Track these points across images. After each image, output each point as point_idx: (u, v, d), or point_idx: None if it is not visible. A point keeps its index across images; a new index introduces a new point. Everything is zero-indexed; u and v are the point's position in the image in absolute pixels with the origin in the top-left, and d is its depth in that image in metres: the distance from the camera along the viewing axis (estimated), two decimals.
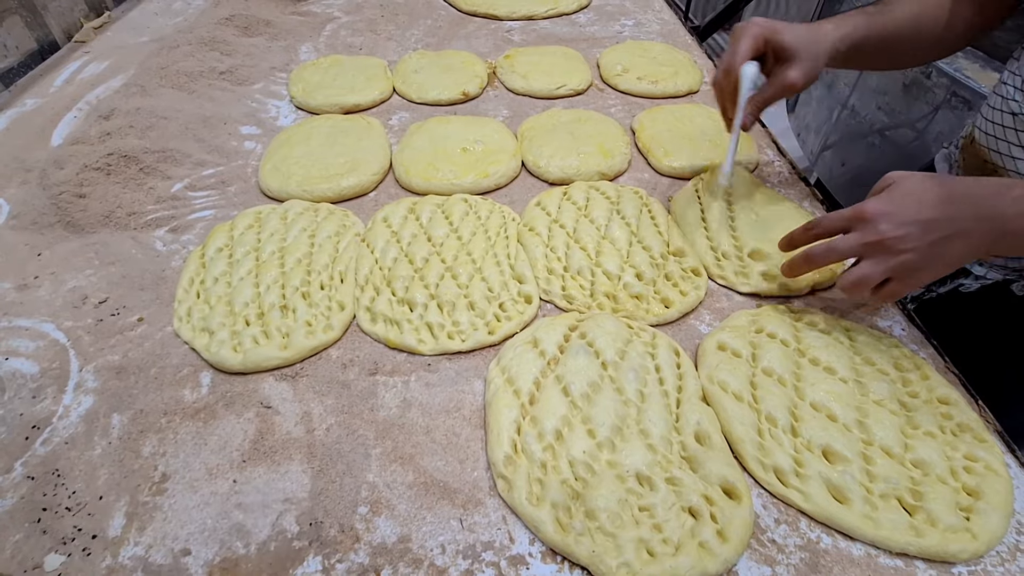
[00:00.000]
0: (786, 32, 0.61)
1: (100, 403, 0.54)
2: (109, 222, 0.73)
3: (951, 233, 0.49)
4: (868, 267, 0.51)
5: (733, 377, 0.54)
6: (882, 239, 0.50)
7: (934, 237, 0.49)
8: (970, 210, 0.49)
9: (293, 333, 0.58)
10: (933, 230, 0.49)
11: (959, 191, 0.50)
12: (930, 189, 0.50)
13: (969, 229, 0.49)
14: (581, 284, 0.65)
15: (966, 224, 0.49)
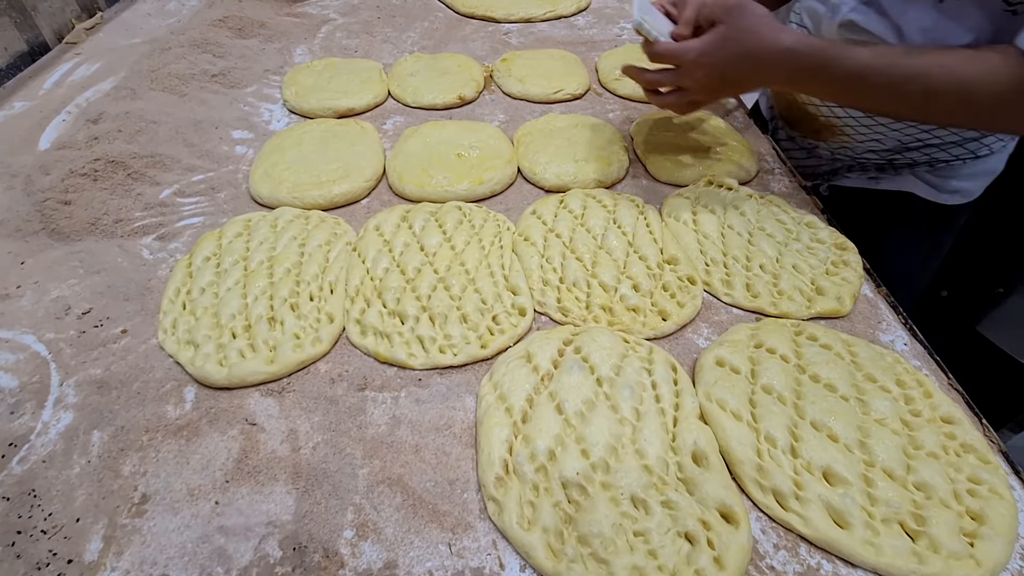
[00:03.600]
0: None
1: (80, 419, 0.52)
2: (95, 230, 0.72)
3: (734, 81, 0.67)
4: (673, 98, 0.71)
5: (732, 395, 0.52)
6: (693, 81, 0.68)
7: (723, 85, 0.67)
8: (747, 69, 0.65)
9: (280, 346, 0.57)
10: (724, 79, 0.66)
11: (746, 56, 0.64)
12: (734, 48, 0.64)
13: (746, 80, 0.67)
14: (577, 296, 0.63)
15: (743, 77, 0.66)
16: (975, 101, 0.59)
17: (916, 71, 0.60)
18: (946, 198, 0.83)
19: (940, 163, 0.80)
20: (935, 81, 0.59)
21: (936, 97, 0.60)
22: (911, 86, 0.60)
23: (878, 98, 0.64)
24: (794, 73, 0.64)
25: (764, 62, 0.64)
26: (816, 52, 0.62)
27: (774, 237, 0.70)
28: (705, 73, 0.66)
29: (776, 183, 0.82)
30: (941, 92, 0.59)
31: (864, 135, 0.82)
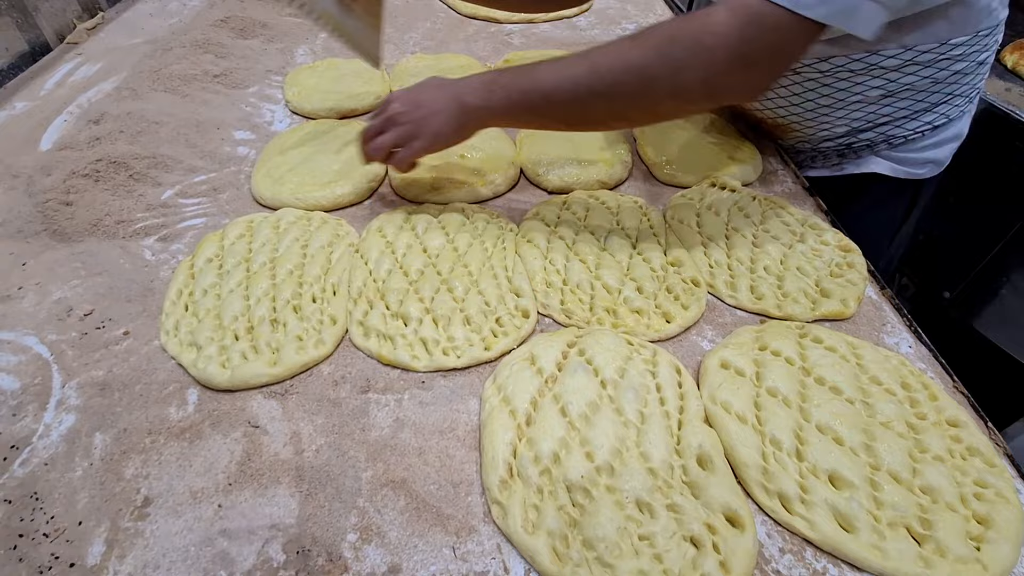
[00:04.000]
0: None
1: (82, 421, 0.52)
2: (97, 230, 0.71)
3: (434, 110, 0.64)
4: (382, 136, 0.67)
5: (736, 397, 0.52)
6: (391, 115, 0.66)
7: (421, 113, 0.65)
8: (448, 92, 0.65)
9: (283, 348, 0.57)
10: (422, 107, 0.65)
11: (445, 82, 0.66)
12: (431, 82, 0.67)
13: (443, 108, 0.64)
14: (580, 298, 0.63)
15: (443, 104, 0.64)
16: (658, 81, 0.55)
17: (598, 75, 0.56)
18: (916, 172, 0.82)
19: (898, 139, 0.79)
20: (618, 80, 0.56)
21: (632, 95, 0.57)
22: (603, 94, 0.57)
23: (585, 111, 0.60)
24: (493, 98, 0.62)
25: (451, 84, 0.65)
26: (503, 73, 0.62)
27: (778, 239, 0.70)
28: (401, 103, 0.66)
29: (779, 184, 0.82)
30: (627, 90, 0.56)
31: (812, 126, 0.81)
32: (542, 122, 0.64)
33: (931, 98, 0.74)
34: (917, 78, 0.71)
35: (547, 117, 0.63)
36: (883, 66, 0.70)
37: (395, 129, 0.66)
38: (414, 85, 0.68)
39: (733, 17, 0.52)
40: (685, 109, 0.68)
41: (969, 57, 0.70)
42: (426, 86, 0.67)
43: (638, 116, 0.65)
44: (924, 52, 0.68)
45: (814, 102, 0.77)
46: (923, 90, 0.73)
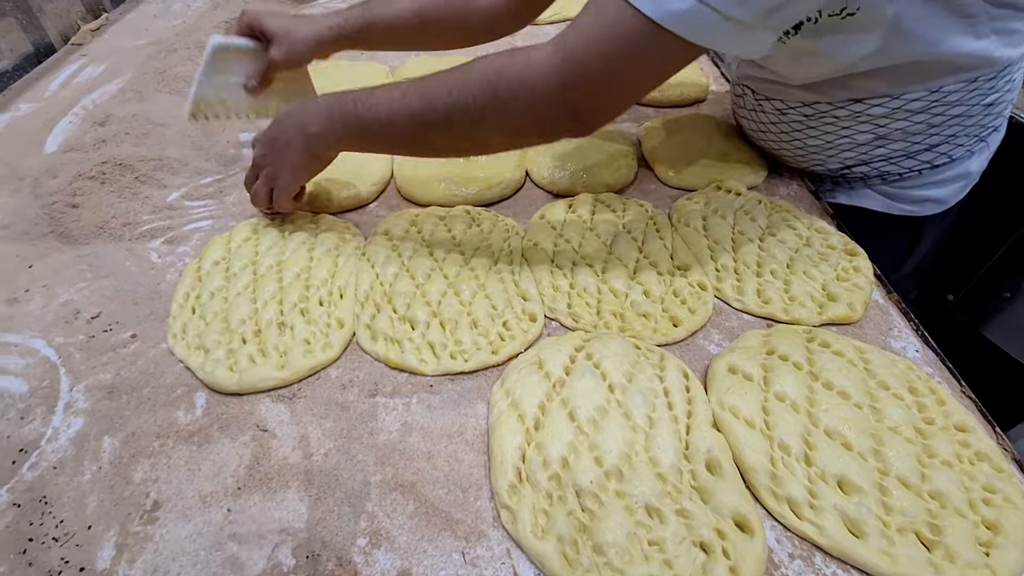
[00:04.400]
0: (269, 19, 0.71)
1: (90, 425, 0.52)
2: (103, 233, 0.71)
3: (284, 144, 0.64)
4: (255, 185, 0.67)
5: (744, 402, 0.52)
6: (254, 161, 0.67)
7: (277, 148, 0.65)
8: (293, 124, 0.64)
9: (291, 352, 0.57)
10: (275, 144, 0.65)
11: (290, 113, 0.64)
12: (280, 117, 0.66)
13: (291, 138, 0.64)
14: (587, 302, 0.63)
15: (291, 135, 0.64)
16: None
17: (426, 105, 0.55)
18: (913, 209, 0.76)
19: (892, 176, 0.74)
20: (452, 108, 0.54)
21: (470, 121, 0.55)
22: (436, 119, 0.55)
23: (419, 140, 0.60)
24: (335, 126, 0.62)
25: (297, 114, 0.64)
26: (343, 98, 0.61)
27: (785, 243, 0.70)
28: (259, 144, 0.66)
29: (784, 187, 0.82)
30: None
31: (803, 161, 0.78)
32: (386, 149, 0.65)
33: (928, 140, 0.69)
34: (909, 123, 0.67)
35: (389, 145, 0.64)
36: (869, 113, 0.67)
37: (261, 173, 0.67)
38: (272, 122, 0.67)
39: (555, 57, 0.50)
40: (520, 143, 0.64)
41: (969, 101, 0.65)
42: (279, 120, 0.66)
43: (474, 149, 0.64)
44: (913, 100, 0.64)
45: (802, 142, 0.75)
46: (918, 133, 0.68)
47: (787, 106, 0.73)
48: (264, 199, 0.68)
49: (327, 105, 0.62)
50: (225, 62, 0.73)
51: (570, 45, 0.49)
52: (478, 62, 0.54)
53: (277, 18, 0.72)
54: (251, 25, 0.72)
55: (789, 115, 0.74)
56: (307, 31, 0.73)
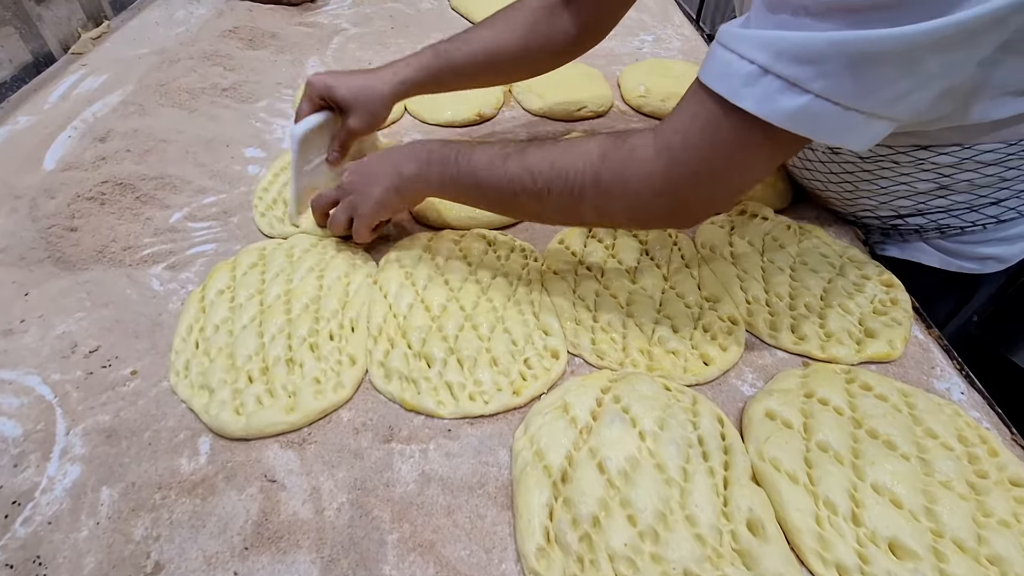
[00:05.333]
0: (339, 87, 0.70)
1: (88, 474, 0.49)
2: (102, 258, 0.68)
3: (376, 177, 0.64)
4: (337, 208, 0.68)
5: (786, 453, 0.49)
6: (342, 185, 0.67)
7: (367, 182, 0.65)
8: (390, 162, 0.64)
9: (300, 392, 0.53)
10: (367, 177, 0.65)
11: (390, 151, 0.65)
12: (382, 152, 0.67)
13: (384, 174, 0.64)
14: (612, 337, 0.60)
15: (384, 171, 0.64)
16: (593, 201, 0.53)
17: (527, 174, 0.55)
18: (972, 267, 0.69)
19: (953, 230, 0.66)
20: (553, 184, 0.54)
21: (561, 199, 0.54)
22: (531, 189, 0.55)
23: (504, 201, 0.60)
24: (430, 173, 0.61)
25: (394, 152, 0.64)
26: (444, 147, 0.61)
27: (817, 272, 0.66)
28: (351, 172, 0.66)
29: (811, 209, 0.79)
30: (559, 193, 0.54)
31: (852, 207, 0.73)
32: (473, 203, 0.64)
33: (997, 194, 0.62)
34: (978, 175, 0.60)
35: (479, 201, 0.63)
36: (935, 161, 0.60)
37: (345, 200, 0.67)
38: (369, 156, 0.68)
39: (657, 156, 0.48)
40: (614, 226, 0.70)
41: None
42: (376, 156, 0.67)
43: (566, 221, 0.68)
44: (987, 151, 0.58)
45: (853, 184, 0.68)
46: (986, 186, 0.61)
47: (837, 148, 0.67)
48: (342, 226, 0.68)
49: (426, 150, 0.62)
50: (308, 148, 0.72)
51: (672, 146, 0.48)
52: (584, 140, 0.53)
53: (343, 82, 0.70)
54: (322, 97, 0.71)
55: (842, 154, 0.67)
56: (380, 91, 0.71)
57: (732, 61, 0.42)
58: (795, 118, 0.41)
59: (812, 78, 0.39)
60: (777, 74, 0.40)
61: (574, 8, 0.73)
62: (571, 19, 0.73)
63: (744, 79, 0.42)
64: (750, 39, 0.42)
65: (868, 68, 0.38)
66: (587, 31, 0.75)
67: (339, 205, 0.67)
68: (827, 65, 0.39)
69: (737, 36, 0.43)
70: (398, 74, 0.72)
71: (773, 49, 0.40)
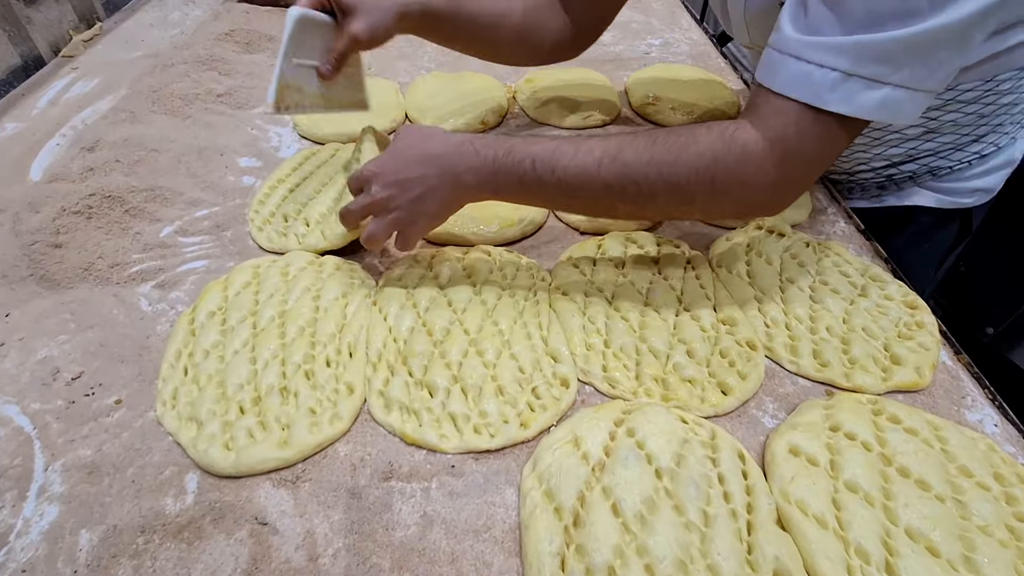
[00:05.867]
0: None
1: (67, 515, 0.45)
2: (88, 275, 0.65)
3: (424, 190, 0.57)
4: (374, 225, 0.59)
5: (813, 494, 0.46)
6: (375, 200, 0.58)
7: (412, 195, 0.57)
8: (435, 169, 0.57)
9: (294, 425, 0.50)
10: (410, 189, 0.57)
11: (431, 151, 0.58)
12: (413, 147, 0.58)
13: (436, 185, 0.57)
14: (625, 364, 0.57)
15: (433, 181, 0.57)
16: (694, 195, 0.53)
17: (623, 175, 0.54)
18: (964, 201, 0.77)
19: (943, 170, 0.74)
20: (653, 182, 0.53)
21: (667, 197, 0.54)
22: (621, 191, 0.54)
23: (590, 203, 0.58)
24: (498, 182, 0.57)
25: (438, 157, 0.57)
26: (510, 151, 0.56)
27: (839, 293, 0.63)
28: (384, 183, 0.58)
29: (830, 225, 0.76)
30: (666, 193, 0.54)
31: (847, 162, 0.78)
32: (553, 207, 0.63)
33: (978, 131, 0.70)
34: (961, 115, 0.68)
35: (561, 207, 0.62)
36: None
37: (386, 218, 0.58)
38: (394, 154, 0.59)
39: (771, 151, 0.51)
40: (713, 219, 0.74)
41: (1019, 90, 0.66)
42: (406, 159, 0.58)
43: (658, 218, 0.68)
44: (968, 91, 0.65)
45: None
46: (968, 125, 0.69)
47: None
48: (382, 244, 0.61)
49: (491, 157, 0.56)
50: (303, 40, 0.63)
51: (786, 141, 0.51)
52: (688, 142, 0.53)
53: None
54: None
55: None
56: (391, 6, 0.65)
57: (811, 72, 0.48)
58: (879, 108, 0.48)
59: (890, 72, 0.46)
60: (860, 75, 0.47)
61: (569, 7, 0.77)
62: (565, 13, 0.78)
63: (830, 86, 0.47)
64: (827, 48, 0.47)
65: (932, 54, 0.46)
66: (578, 35, 0.80)
67: (378, 222, 0.59)
68: (900, 59, 0.46)
69: (809, 46, 0.48)
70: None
71: (853, 55, 0.46)
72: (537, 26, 0.78)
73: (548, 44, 0.80)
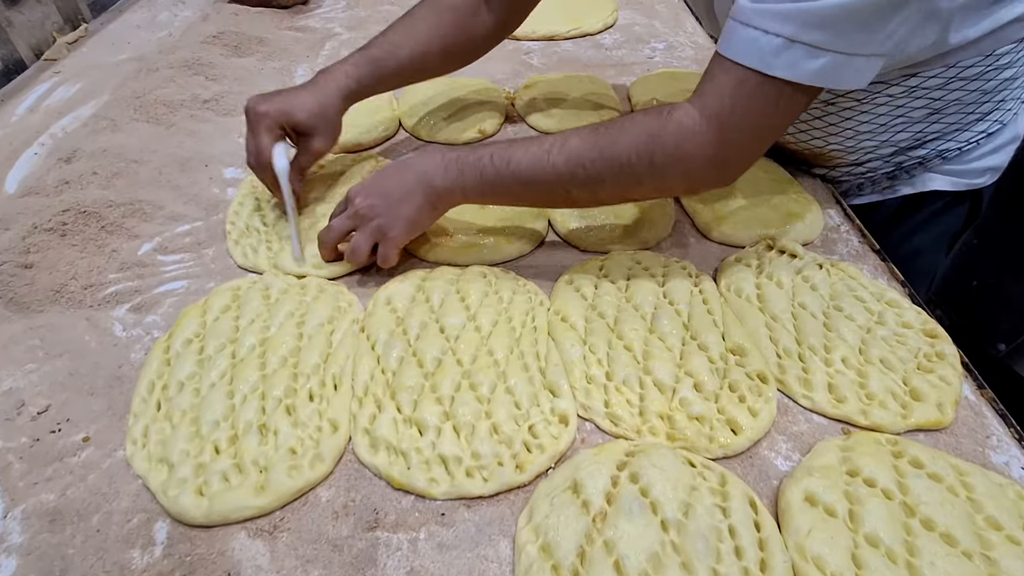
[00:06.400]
0: (296, 111, 0.65)
1: (26, 568, 0.42)
2: (60, 298, 0.62)
3: (402, 195, 0.60)
4: (356, 237, 0.62)
5: (831, 550, 0.42)
6: (357, 211, 0.61)
7: (391, 202, 0.60)
8: (411, 174, 0.60)
9: (272, 468, 0.47)
10: (390, 196, 0.60)
11: (407, 161, 0.62)
12: (390, 167, 0.63)
13: (412, 189, 0.60)
14: (628, 399, 0.53)
15: (410, 185, 0.60)
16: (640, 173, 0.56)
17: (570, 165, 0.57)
18: (976, 181, 0.76)
19: (952, 152, 0.73)
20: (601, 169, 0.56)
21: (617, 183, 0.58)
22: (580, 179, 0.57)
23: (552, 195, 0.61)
24: (464, 179, 0.60)
25: (412, 163, 0.61)
26: (470, 152, 0.60)
27: (854, 320, 0.60)
28: (365, 195, 0.61)
29: (843, 244, 0.72)
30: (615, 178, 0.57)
31: (855, 152, 0.76)
32: (515, 201, 0.64)
33: (982, 108, 0.69)
34: (964, 92, 0.67)
35: (523, 200, 0.63)
36: (925, 87, 0.66)
37: (367, 226, 0.61)
38: (373, 176, 0.63)
39: (707, 125, 0.53)
40: (665, 196, 0.73)
41: (1018, 63, 0.66)
42: (386, 174, 0.62)
43: (617, 201, 0.67)
44: (969, 67, 0.64)
45: (853, 129, 0.72)
46: (972, 103, 0.68)
47: (836, 95, 0.70)
48: (365, 255, 0.62)
49: (454, 157, 0.60)
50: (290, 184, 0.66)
51: (720, 115, 0.53)
52: (625, 124, 0.56)
53: (295, 103, 0.66)
54: (281, 125, 0.66)
55: (839, 103, 0.71)
56: (335, 107, 0.68)
57: (758, 37, 0.49)
58: (820, 74, 0.50)
59: (831, 39, 0.48)
60: (803, 42, 0.48)
61: (492, 3, 0.76)
62: (489, 14, 0.77)
63: (774, 51, 0.49)
64: (773, 15, 0.48)
65: (872, 19, 0.47)
66: (508, 20, 0.79)
67: (358, 233, 0.62)
68: (841, 26, 0.47)
69: (757, 12, 0.49)
70: (341, 88, 0.69)
71: (797, 22, 0.47)
72: (462, 43, 0.77)
73: (472, 51, 0.81)
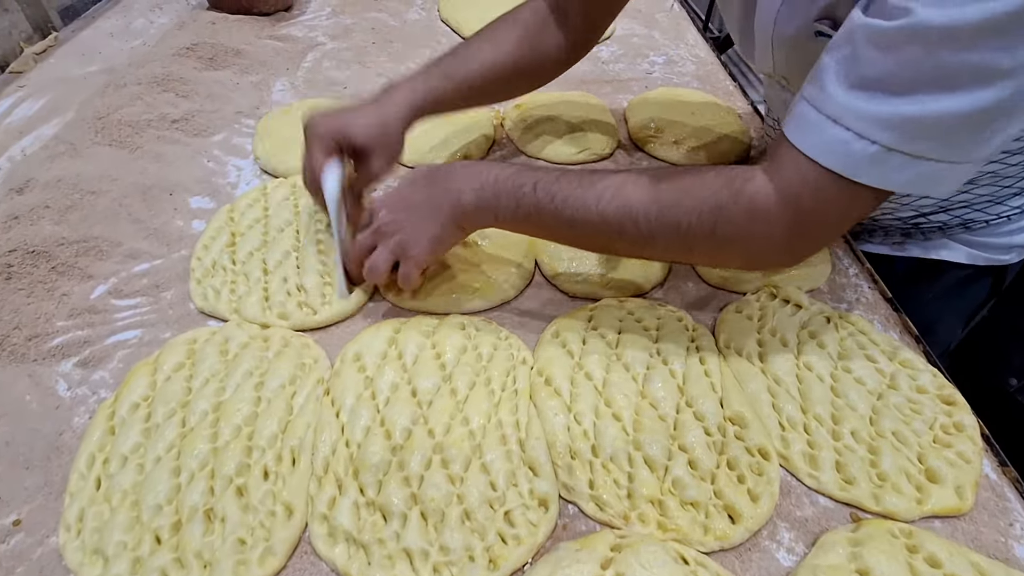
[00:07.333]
0: (355, 129, 0.60)
1: None
2: (2, 351, 0.57)
3: (427, 211, 0.56)
4: (375, 254, 0.57)
5: None
6: (380, 227, 0.57)
7: (416, 217, 0.56)
8: (439, 187, 0.56)
9: (217, 565, 0.42)
10: (414, 210, 0.56)
11: (437, 170, 0.57)
12: (418, 175, 0.58)
13: (440, 204, 0.55)
14: (616, 478, 0.48)
15: (439, 201, 0.55)
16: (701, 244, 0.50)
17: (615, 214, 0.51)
18: (999, 258, 0.70)
19: (978, 224, 0.67)
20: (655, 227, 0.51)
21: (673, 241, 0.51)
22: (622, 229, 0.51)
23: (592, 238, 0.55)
24: (499, 205, 0.54)
25: (442, 174, 0.56)
26: (515, 174, 0.54)
27: (864, 384, 0.55)
28: (389, 209, 0.57)
29: (852, 291, 0.67)
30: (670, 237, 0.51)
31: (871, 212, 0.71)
32: (548, 237, 0.59)
33: (1021, 183, 0.63)
34: (1002, 166, 0.61)
35: (562, 238, 0.57)
36: None
37: (387, 241, 0.56)
38: (399, 185, 0.59)
39: (782, 212, 0.46)
40: (714, 267, 0.66)
41: None
42: (415, 185, 0.58)
43: (657, 260, 0.64)
44: (1013, 141, 0.58)
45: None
46: (1010, 176, 0.62)
47: None
48: (384, 274, 0.57)
49: (492, 179, 0.54)
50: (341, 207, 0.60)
51: (799, 206, 0.46)
52: (692, 185, 0.50)
53: (355, 121, 0.60)
54: (337, 143, 0.60)
55: None
56: (396, 127, 0.63)
57: (849, 140, 0.42)
58: (914, 183, 0.43)
59: (937, 148, 0.41)
60: (903, 152, 0.41)
61: (564, 18, 0.70)
62: (562, 30, 0.71)
63: (869, 159, 0.42)
64: (872, 120, 0.41)
65: (986, 125, 0.40)
66: (579, 41, 0.74)
67: (379, 249, 0.57)
68: (954, 136, 0.40)
69: (852, 113, 0.42)
70: (406, 103, 0.63)
71: (901, 130, 0.40)
72: (534, 60, 0.71)
73: (546, 69, 0.75)
